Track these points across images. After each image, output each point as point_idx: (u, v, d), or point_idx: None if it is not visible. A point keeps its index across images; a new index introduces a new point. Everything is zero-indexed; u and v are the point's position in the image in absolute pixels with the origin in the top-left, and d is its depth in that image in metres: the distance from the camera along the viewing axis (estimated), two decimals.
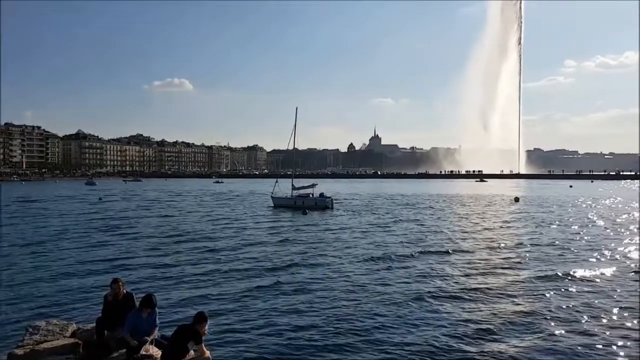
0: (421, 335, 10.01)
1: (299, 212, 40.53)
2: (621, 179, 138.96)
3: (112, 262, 18.18)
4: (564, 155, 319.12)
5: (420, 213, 40.36)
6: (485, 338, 9.89)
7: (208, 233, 27.05)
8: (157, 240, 24.11)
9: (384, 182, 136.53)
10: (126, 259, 18.98)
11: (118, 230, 28.69)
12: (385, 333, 10.21)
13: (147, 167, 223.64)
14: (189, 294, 13.29)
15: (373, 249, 21.25)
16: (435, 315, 11.45)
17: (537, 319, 11.12)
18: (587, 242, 23.37)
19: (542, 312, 11.61)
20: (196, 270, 16.63)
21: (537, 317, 11.25)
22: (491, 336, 9.99)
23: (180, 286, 14.31)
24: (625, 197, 62.35)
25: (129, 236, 25.84)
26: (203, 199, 61.53)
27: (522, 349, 9.28)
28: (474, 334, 10.14)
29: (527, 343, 9.61)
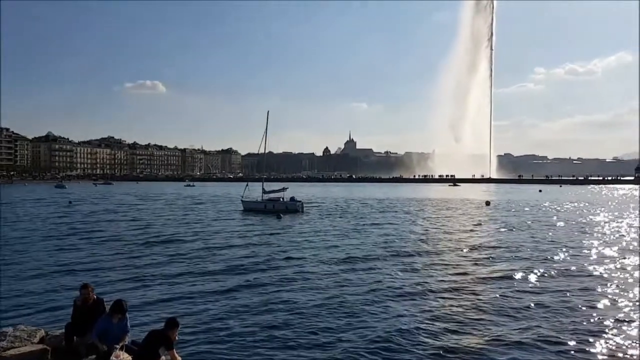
0: (384, 332, 10.42)
1: (269, 215, 40.58)
2: (589, 183, 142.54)
3: (81, 266, 17.99)
4: (533, 160, 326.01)
5: (393, 216, 40.82)
6: (445, 335, 10.34)
7: (176, 237, 26.87)
8: (126, 244, 23.97)
9: (358, 186, 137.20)
10: (95, 262, 18.85)
11: (87, 233, 28.43)
12: (350, 331, 10.62)
13: (118, 170, 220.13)
14: (158, 297, 13.37)
15: (340, 252, 21.61)
16: (398, 313, 11.92)
17: (496, 315, 11.76)
18: (548, 243, 24.22)
19: (501, 308, 12.32)
20: (165, 273, 16.73)
21: (496, 313, 11.90)
22: (448, 333, 10.43)
23: (150, 290, 14.32)
24: (590, 201, 64.08)
25: (98, 240, 25.63)
26: (173, 202, 60.79)
27: (483, 344, 9.75)
28: (435, 330, 10.65)
29: (488, 338, 10.09)
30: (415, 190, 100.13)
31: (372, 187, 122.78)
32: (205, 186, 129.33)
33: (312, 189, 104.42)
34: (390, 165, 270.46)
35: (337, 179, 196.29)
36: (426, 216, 41.62)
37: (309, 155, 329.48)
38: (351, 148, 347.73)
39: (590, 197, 75.79)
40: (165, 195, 79.44)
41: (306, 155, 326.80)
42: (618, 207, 53.02)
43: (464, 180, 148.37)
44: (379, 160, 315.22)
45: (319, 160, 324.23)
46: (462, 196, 75.83)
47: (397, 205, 55.99)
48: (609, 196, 79.30)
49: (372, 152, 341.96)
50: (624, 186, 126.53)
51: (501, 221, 36.54)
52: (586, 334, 10.48)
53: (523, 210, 46.76)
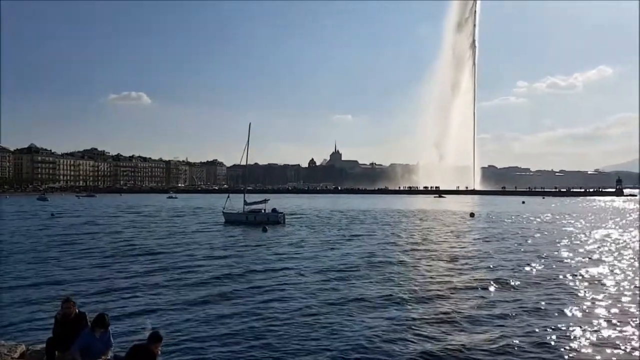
0: (357, 341, 10.64)
1: (250, 227, 40.53)
2: (571, 195, 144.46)
3: (63, 279, 17.90)
4: (516, 172, 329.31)
5: (376, 228, 41.04)
6: (417, 343, 10.61)
7: (156, 249, 26.74)
8: (108, 257, 23.94)
9: (344, 197, 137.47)
10: (76, 275, 18.77)
11: (68, 246, 28.28)
12: (324, 340, 10.94)
13: (101, 182, 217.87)
14: (140, 310, 13.41)
15: (318, 263, 21.87)
16: (371, 323, 12.19)
17: (467, 323, 12.17)
18: (529, 254, 24.66)
19: (472, 317, 12.77)
20: (146, 285, 16.79)
21: (466, 322, 12.31)
22: (421, 341, 10.75)
23: (132, 303, 14.31)
24: (573, 213, 64.95)
25: (79, 252, 25.49)
26: (154, 215, 60.10)
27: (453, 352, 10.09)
28: (409, 338, 11.01)
29: (458, 346, 10.43)
30: (401, 202, 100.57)
31: (358, 199, 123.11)
32: (189, 198, 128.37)
33: (298, 201, 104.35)
34: (375, 176, 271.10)
35: (323, 191, 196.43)
36: (410, 227, 41.86)
37: (295, 166, 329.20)
38: (337, 159, 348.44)
39: (573, 208, 76.74)
40: (147, 207, 78.63)
41: (292, 166, 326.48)
42: (600, 218, 53.85)
43: (449, 191, 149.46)
44: (364, 172, 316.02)
45: (304, 172, 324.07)
46: (447, 208, 76.34)
47: (382, 216, 56.21)
48: (591, 208, 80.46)
49: (358, 164, 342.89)
50: (606, 198, 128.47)
51: (485, 232, 36.99)
52: (555, 340, 10.92)
53: (506, 222, 47.26)
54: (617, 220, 49.63)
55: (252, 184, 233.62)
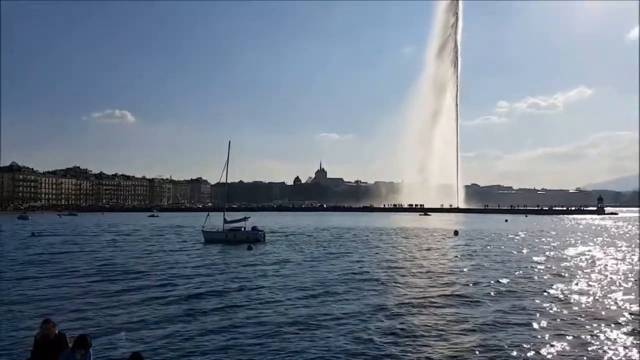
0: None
1: (231, 246, 40.28)
2: (553, 213, 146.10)
3: (42, 299, 17.73)
4: (499, 190, 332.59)
5: (360, 245, 41.07)
6: None
7: (135, 268, 26.57)
8: (86, 276, 23.74)
9: (329, 215, 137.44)
10: (56, 295, 18.59)
11: (48, 265, 28.01)
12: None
13: (83, 200, 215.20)
14: (121, 328, 13.41)
15: (295, 281, 21.93)
16: (340, 341, 12.45)
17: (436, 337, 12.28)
18: (507, 271, 24.90)
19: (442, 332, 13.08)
20: (124, 304, 16.83)
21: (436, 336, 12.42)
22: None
23: (110, 322, 14.26)
24: (554, 230, 65.71)
25: (59, 272, 25.26)
26: (134, 234, 59.03)
27: None
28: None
29: None
30: (386, 220, 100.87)
31: (343, 216, 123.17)
32: (171, 216, 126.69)
33: (282, 218, 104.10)
34: (360, 194, 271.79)
35: (308, 208, 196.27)
36: (394, 245, 42.00)
37: (280, 184, 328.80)
38: (322, 177, 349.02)
39: (555, 227, 77.64)
40: (127, 226, 77.53)
41: (277, 184, 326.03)
42: (581, 237, 54.59)
43: (433, 209, 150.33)
44: (349, 190, 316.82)
45: (290, 190, 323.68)
46: (431, 225, 76.67)
47: (366, 234, 56.28)
48: (573, 226, 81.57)
49: (343, 182, 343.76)
50: (588, 216, 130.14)
51: (468, 250, 37.30)
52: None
53: (489, 240, 47.60)
54: (597, 239, 50.33)
55: (237, 201, 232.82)
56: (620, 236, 54.16)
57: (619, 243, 44.13)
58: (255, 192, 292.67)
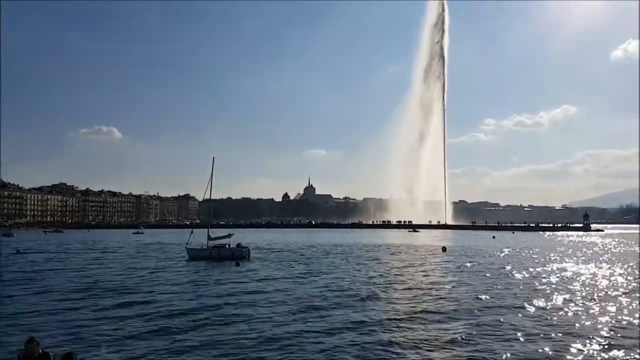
0: None
1: (215, 263, 39.93)
2: (540, 230, 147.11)
3: (26, 316, 17.53)
4: (486, 207, 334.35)
5: (348, 262, 40.88)
6: None
7: (117, 286, 26.35)
8: (70, 294, 23.57)
9: (317, 231, 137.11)
10: (39, 312, 18.45)
11: (32, 283, 27.63)
12: None
13: (69, 217, 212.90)
14: (104, 345, 13.49)
15: (278, 299, 21.84)
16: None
17: None
18: (494, 287, 25.00)
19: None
20: (107, 322, 16.80)
21: None
22: None
23: (95, 339, 14.22)
24: (541, 247, 66.19)
25: (43, 289, 24.99)
26: (117, 251, 57.90)
27: None
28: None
29: None
30: (374, 236, 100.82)
31: (331, 233, 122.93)
32: (157, 233, 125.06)
33: (270, 235, 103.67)
34: (349, 211, 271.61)
35: (297, 225, 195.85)
36: (382, 261, 41.90)
37: (268, 201, 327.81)
38: (310, 194, 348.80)
39: (542, 243, 78.21)
40: (112, 243, 76.43)
41: (265, 201, 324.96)
42: (568, 254, 54.98)
43: (421, 226, 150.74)
44: (338, 206, 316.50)
45: (278, 206, 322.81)
46: (419, 242, 76.78)
47: (354, 251, 56.08)
48: (559, 243, 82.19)
49: (331, 198, 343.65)
50: (574, 233, 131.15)
51: (455, 266, 37.38)
52: None
53: (477, 256, 47.74)
54: (582, 255, 50.79)
55: (225, 218, 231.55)
56: (606, 253, 54.70)
57: (605, 260, 44.58)
58: (244, 209, 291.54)
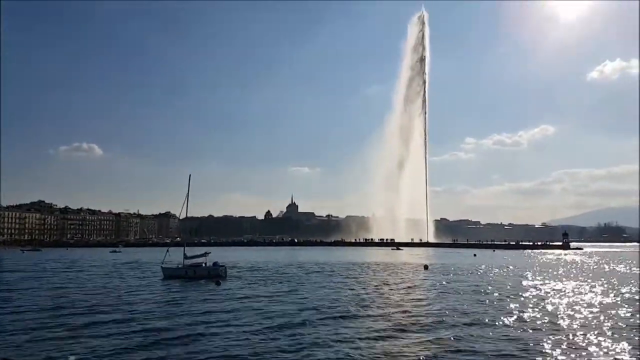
0: None
1: (190, 282, 39.42)
2: (520, 248, 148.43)
3: None
4: (467, 225, 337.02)
5: (329, 281, 40.65)
6: None
7: (88, 305, 26.02)
8: (41, 312, 23.48)
9: (300, 250, 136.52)
10: (8, 332, 18.39)
11: (5, 303, 27.26)
12: None
13: (48, 235, 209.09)
14: None
15: (253, 318, 21.71)
16: None
17: None
18: (479, 307, 25.09)
19: None
20: (77, 341, 16.81)
21: None
22: None
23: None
24: (521, 265, 66.81)
25: (15, 309, 24.70)
26: (92, 270, 56.54)
27: None
28: None
29: None
30: (357, 254, 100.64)
31: (313, 251, 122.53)
32: (135, 252, 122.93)
33: (251, 253, 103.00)
34: (331, 228, 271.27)
35: (279, 243, 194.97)
36: (364, 280, 41.70)
37: (251, 218, 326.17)
38: (293, 211, 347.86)
39: (522, 261, 78.96)
40: (88, 262, 74.85)
41: (247, 218, 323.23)
42: (546, 271, 55.63)
43: (404, 243, 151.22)
44: (320, 224, 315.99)
45: (260, 224, 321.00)
46: (402, 260, 76.84)
47: (336, 269, 55.70)
48: (539, 261, 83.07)
49: (314, 216, 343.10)
50: (553, 251, 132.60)
51: (437, 284, 37.47)
52: None
53: (459, 274, 47.95)
54: (561, 273, 51.44)
55: (206, 236, 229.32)
56: (585, 270, 55.48)
57: (582, 277, 45.25)
58: (226, 227, 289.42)
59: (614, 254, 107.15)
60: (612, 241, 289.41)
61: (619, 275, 48.16)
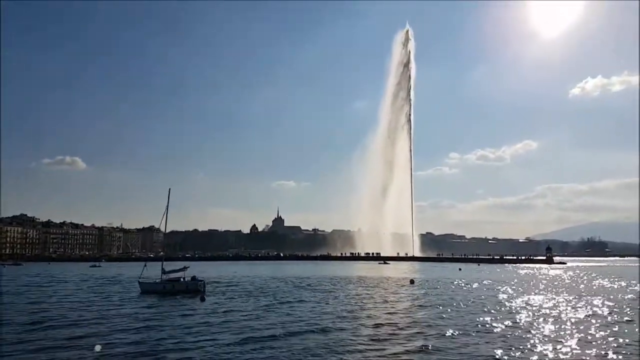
0: None
1: (168, 297, 38.75)
2: (505, 262, 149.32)
3: None
4: (452, 239, 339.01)
5: (313, 296, 40.29)
6: None
7: (62, 321, 25.66)
8: (12, 326, 23.37)
9: (285, 264, 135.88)
10: None
11: None
12: None
13: (29, 249, 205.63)
14: None
15: (230, 334, 21.44)
16: None
17: None
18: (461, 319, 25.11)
19: None
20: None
21: None
22: None
23: None
24: (509, 280, 67.17)
25: None
26: (69, 285, 54.82)
27: None
28: None
29: None
30: (343, 268, 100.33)
31: (299, 265, 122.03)
32: (116, 266, 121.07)
33: (236, 268, 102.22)
34: (318, 242, 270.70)
35: (265, 257, 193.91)
36: (348, 294, 41.51)
37: (236, 232, 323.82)
38: (279, 225, 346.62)
39: (506, 276, 79.36)
40: (66, 276, 73.37)
41: (233, 232, 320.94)
42: (530, 285, 55.93)
43: (390, 258, 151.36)
44: (306, 238, 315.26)
45: (246, 238, 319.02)
46: (388, 274, 76.68)
47: (321, 284, 55.22)
48: (524, 275, 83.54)
49: (300, 230, 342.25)
50: (537, 265, 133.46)
51: (423, 299, 37.43)
52: None
53: (444, 289, 47.97)
54: (544, 288, 51.81)
55: (191, 250, 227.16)
56: (570, 285, 55.98)
57: (568, 292, 45.64)
58: (211, 241, 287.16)
59: (597, 269, 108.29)
60: (595, 256, 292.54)
61: (604, 290, 48.69)
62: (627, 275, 77.40)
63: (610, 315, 27.91)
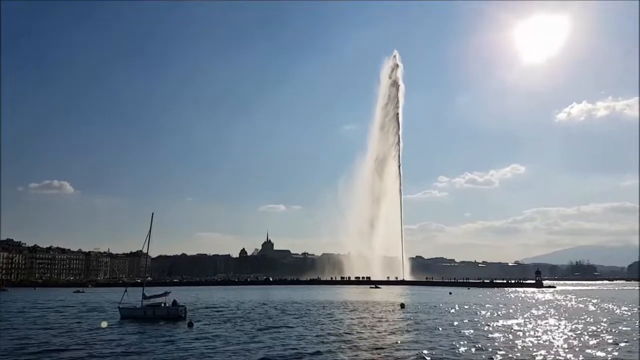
0: None
1: (148, 323, 38.04)
2: (494, 286, 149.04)
3: None
4: (442, 262, 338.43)
5: (300, 322, 39.69)
6: None
7: (40, 348, 25.35)
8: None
9: (274, 289, 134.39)
10: None
11: None
12: None
13: (15, 275, 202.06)
14: None
15: None
16: None
17: None
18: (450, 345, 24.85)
19: None
20: None
21: None
22: None
23: None
24: (499, 304, 66.97)
25: None
26: (49, 312, 53.36)
27: None
28: None
29: None
30: (333, 293, 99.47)
31: (288, 290, 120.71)
32: (101, 292, 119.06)
33: (223, 293, 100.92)
34: (307, 266, 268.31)
35: (254, 282, 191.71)
36: (338, 319, 41.10)
37: (225, 257, 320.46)
38: (269, 249, 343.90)
39: (497, 300, 79.22)
40: (49, 302, 71.54)
41: (222, 257, 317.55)
42: (521, 309, 55.83)
43: (380, 282, 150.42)
44: (296, 262, 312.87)
45: (235, 262, 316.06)
46: (378, 299, 76.13)
47: (310, 308, 54.63)
48: (514, 299, 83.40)
49: (290, 254, 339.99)
50: (526, 289, 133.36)
51: (414, 324, 37.17)
52: None
53: (435, 313, 47.73)
54: (534, 312, 51.77)
55: (179, 275, 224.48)
56: (564, 309, 55.96)
57: (562, 317, 45.60)
58: (199, 266, 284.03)
59: (587, 292, 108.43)
60: (583, 279, 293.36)
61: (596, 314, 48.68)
62: (628, 299, 77.34)
63: None
